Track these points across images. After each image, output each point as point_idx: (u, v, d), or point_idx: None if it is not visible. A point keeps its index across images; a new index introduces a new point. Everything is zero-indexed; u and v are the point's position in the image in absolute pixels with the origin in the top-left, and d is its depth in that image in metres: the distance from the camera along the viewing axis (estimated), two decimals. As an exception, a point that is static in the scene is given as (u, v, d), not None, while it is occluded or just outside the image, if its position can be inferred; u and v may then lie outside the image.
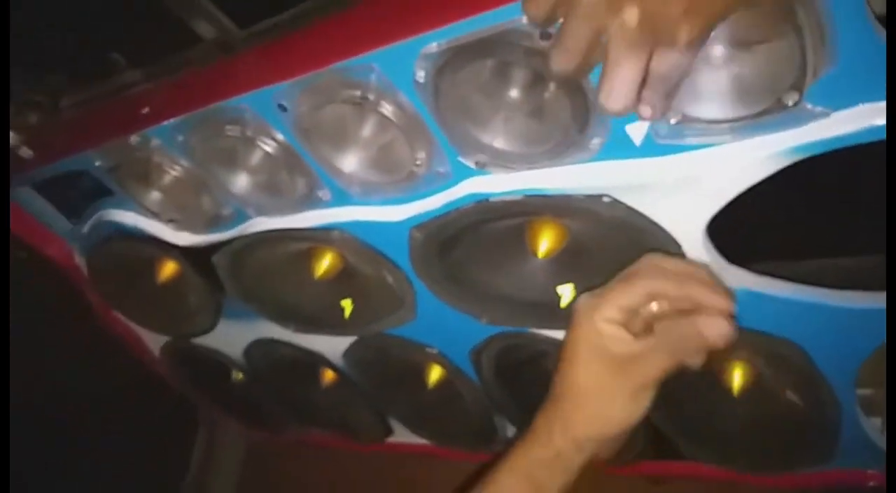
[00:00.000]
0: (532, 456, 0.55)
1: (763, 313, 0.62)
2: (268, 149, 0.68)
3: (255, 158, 0.70)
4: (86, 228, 0.92)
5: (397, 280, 0.76)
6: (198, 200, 0.78)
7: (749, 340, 0.65)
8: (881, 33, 0.43)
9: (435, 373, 0.93)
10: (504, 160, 0.59)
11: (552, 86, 0.52)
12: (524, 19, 0.47)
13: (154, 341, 1.12)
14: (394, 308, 0.82)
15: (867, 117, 0.46)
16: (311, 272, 0.80)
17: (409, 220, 0.68)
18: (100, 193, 0.86)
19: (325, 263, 0.80)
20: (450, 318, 0.78)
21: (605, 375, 0.53)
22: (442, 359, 0.88)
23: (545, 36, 0.48)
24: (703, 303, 0.51)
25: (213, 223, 0.81)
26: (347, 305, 0.85)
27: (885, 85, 0.44)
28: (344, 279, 0.82)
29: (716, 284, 0.54)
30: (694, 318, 0.51)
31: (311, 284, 0.82)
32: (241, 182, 0.74)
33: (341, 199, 0.70)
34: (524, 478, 0.55)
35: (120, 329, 1.11)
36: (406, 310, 0.80)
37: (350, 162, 0.66)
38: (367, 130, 0.63)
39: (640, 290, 0.52)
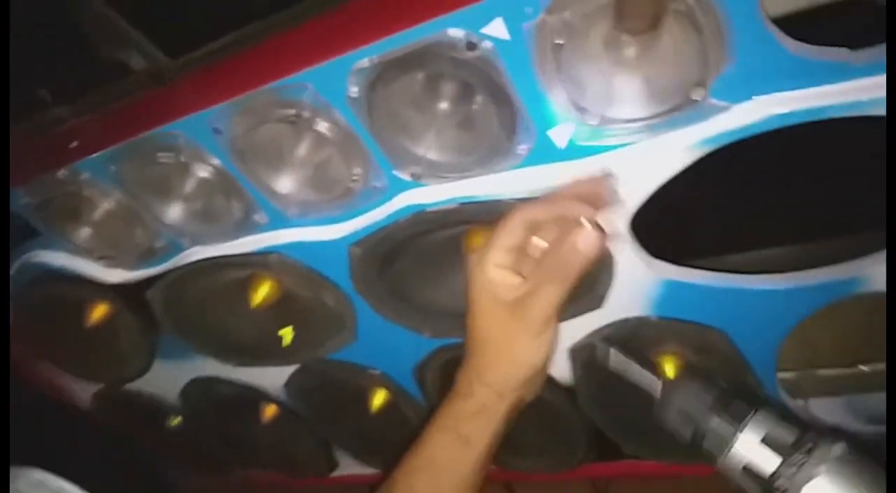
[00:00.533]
0: (457, 412, 0.57)
1: (687, 302, 0.66)
2: (202, 174, 0.68)
3: (190, 184, 0.71)
4: (11, 273, 0.89)
5: (337, 301, 0.77)
6: (131, 234, 0.77)
7: (675, 330, 0.69)
8: (774, 32, 0.48)
9: (379, 397, 0.93)
10: (438, 171, 0.62)
11: (480, 97, 0.55)
12: (451, 31, 0.50)
13: (84, 390, 1.08)
14: (334, 331, 0.82)
15: (764, 108, 0.51)
16: (249, 301, 0.79)
17: (347, 237, 0.69)
18: (26, 235, 0.84)
19: (263, 289, 0.79)
20: (392, 335, 0.79)
21: (504, 320, 0.55)
22: (386, 380, 0.88)
23: (471, 47, 0.51)
24: (571, 216, 0.54)
25: (147, 257, 0.80)
26: (287, 333, 0.85)
27: (777, 79, 0.50)
28: (283, 306, 0.82)
29: (587, 188, 0.57)
30: (564, 237, 0.54)
31: (250, 313, 0.81)
32: (175, 211, 0.74)
33: (278, 221, 0.71)
34: (453, 434, 0.57)
35: (42, 381, 1.06)
36: (347, 332, 0.81)
37: (286, 182, 0.67)
38: (303, 148, 0.64)
39: (516, 224, 0.55)
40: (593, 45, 0.51)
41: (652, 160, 0.56)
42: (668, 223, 0.63)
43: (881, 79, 0.48)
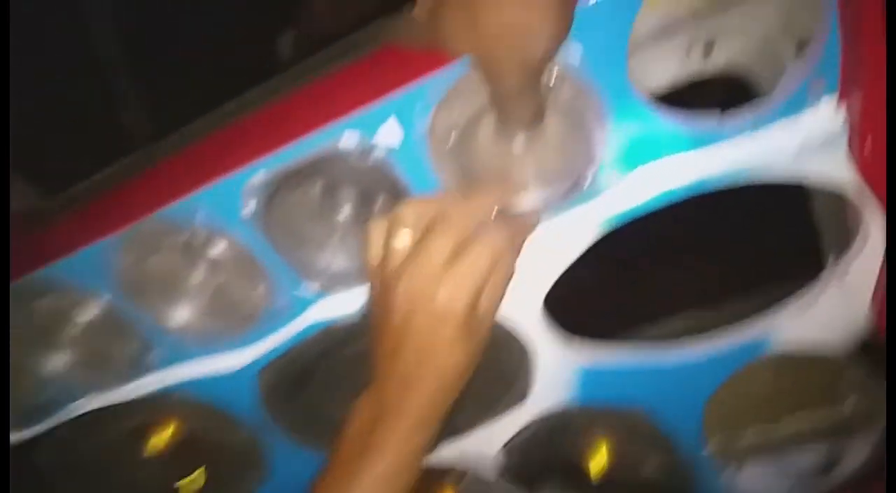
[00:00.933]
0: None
1: (606, 384, 0.66)
2: (87, 317, 0.63)
3: (74, 330, 0.65)
4: None
5: (247, 436, 0.72)
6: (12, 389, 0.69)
7: (599, 415, 0.68)
8: (652, 108, 0.51)
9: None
10: (343, 281, 0.60)
11: (382, 197, 0.55)
12: (343, 140, 0.51)
13: None
14: (248, 469, 0.76)
15: (653, 184, 0.54)
16: (149, 449, 0.73)
17: (254, 363, 0.66)
18: None
19: (164, 435, 0.73)
20: (308, 466, 0.73)
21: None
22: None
23: (365, 153, 0.51)
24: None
25: (31, 414, 0.72)
26: (196, 478, 0.78)
27: (660, 151, 0.53)
28: (190, 448, 0.75)
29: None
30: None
31: (154, 462, 0.74)
32: (57, 361, 0.68)
33: (177, 356, 0.66)
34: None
35: None
36: (259, 468, 0.75)
37: (182, 314, 0.63)
38: (198, 275, 0.62)
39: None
40: (483, 140, 0.52)
41: (554, 242, 0.57)
42: (578, 304, 0.64)
43: (755, 144, 0.51)
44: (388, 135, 0.51)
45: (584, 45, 0.47)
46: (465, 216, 0.49)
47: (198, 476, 0.77)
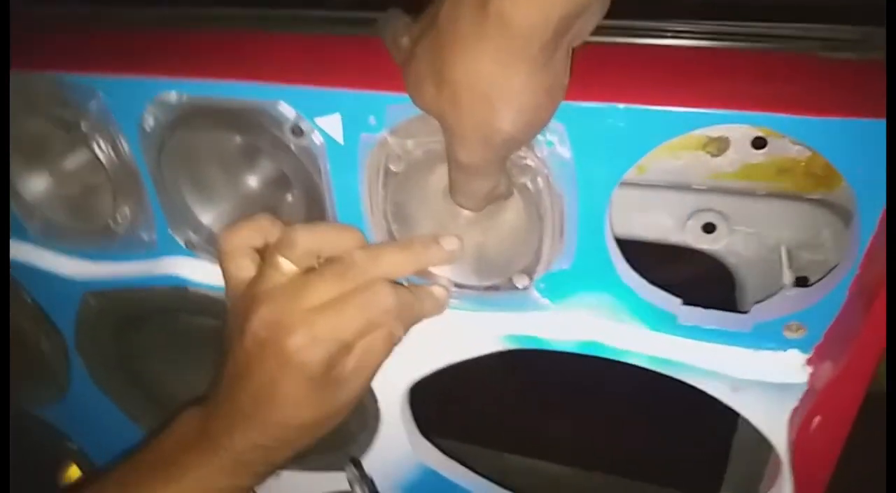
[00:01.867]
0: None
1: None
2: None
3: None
4: None
5: (54, 349, 0.62)
6: None
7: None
8: (614, 254, 0.42)
9: (72, 473, 0.77)
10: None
11: (295, 191, 0.46)
12: (282, 106, 0.42)
13: None
14: (42, 381, 0.67)
15: (583, 329, 0.45)
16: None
17: (88, 282, 0.56)
18: None
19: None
20: (104, 413, 0.64)
21: None
22: (81, 459, 0.72)
23: (297, 132, 0.42)
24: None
25: None
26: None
27: (605, 302, 0.44)
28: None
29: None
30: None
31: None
32: None
33: (15, 230, 0.57)
34: None
35: None
36: (54, 388, 0.66)
37: (36, 188, 0.54)
38: (72, 161, 0.52)
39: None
40: (432, 187, 0.44)
41: (452, 334, 0.48)
42: (449, 407, 0.56)
43: (695, 346, 0.43)
44: (330, 126, 0.42)
45: (573, 148, 0.38)
46: (367, 267, 0.42)
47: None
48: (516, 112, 0.32)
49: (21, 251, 0.58)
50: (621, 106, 0.36)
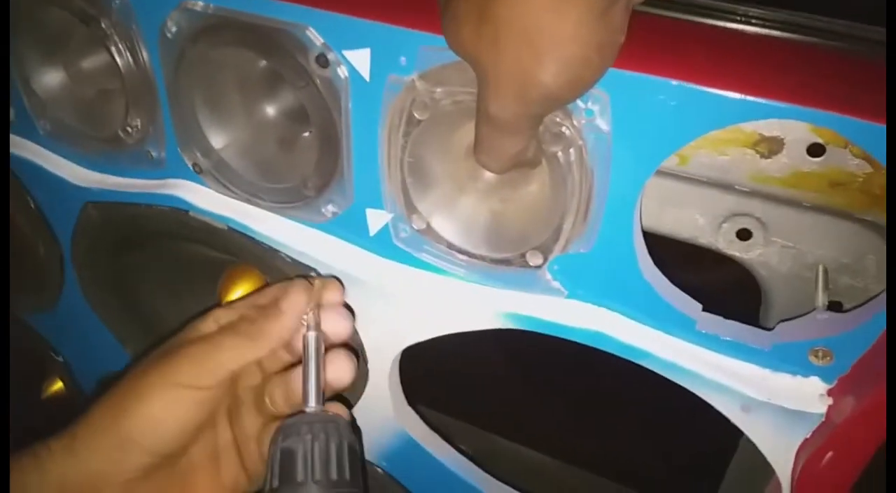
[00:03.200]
0: None
1: (415, 466, 0.55)
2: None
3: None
4: None
5: (49, 256, 0.61)
6: None
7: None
8: (639, 245, 0.39)
9: (54, 386, 0.76)
10: (226, 177, 0.48)
11: (314, 129, 0.43)
12: (310, 31, 0.39)
13: None
14: (34, 287, 0.65)
15: (591, 319, 0.42)
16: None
17: (91, 190, 0.54)
18: None
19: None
20: (92, 330, 0.63)
21: None
22: (65, 373, 0.71)
23: (323, 61, 0.39)
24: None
25: None
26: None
27: (623, 299, 0.41)
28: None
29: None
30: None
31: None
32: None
33: (25, 128, 0.55)
34: None
35: None
36: (46, 297, 0.64)
37: (50, 82, 0.52)
38: (89, 61, 0.50)
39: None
40: (455, 143, 0.41)
41: (452, 305, 0.46)
42: (441, 378, 0.53)
43: (710, 356, 0.40)
44: (358, 61, 0.39)
45: (614, 121, 0.35)
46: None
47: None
48: (561, 64, 0.29)
49: (28, 150, 0.56)
50: (675, 82, 0.33)
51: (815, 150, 0.37)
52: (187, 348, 0.42)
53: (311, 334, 0.42)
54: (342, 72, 0.39)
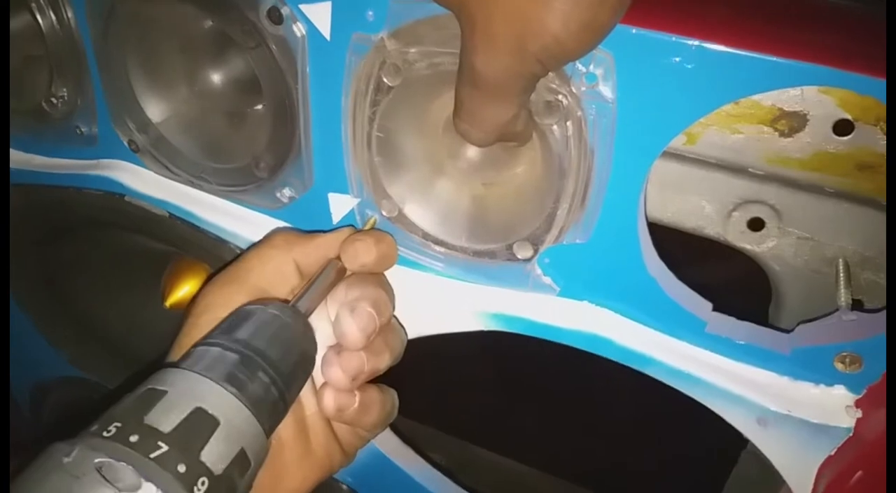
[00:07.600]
0: None
1: (383, 480, 0.50)
2: None
3: None
4: None
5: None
6: None
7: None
8: (643, 236, 0.34)
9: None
10: (167, 155, 0.42)
11: (267, 102, 0.37)
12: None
13: None
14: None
15: (588, 320, 0.37)
16: None
17: (14, 172, 0.48)
18: None
19: None
20: (25, 331, 0.56)
21: None
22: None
23: (276, 16, 0.33)
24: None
25: None
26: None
27: (624, 297, 0.36)
28: None
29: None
30: None
31: None
32: None
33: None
34: None
35: None
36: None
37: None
38: (15, 22, 0.43)
39: None
40: (432, 115, 0.35)
41: (427, 304, 0.40)
42: (413, 384, 0.48)
43: (722, 363, 0.35)
44: (317, 16, 0.33)
45: (619, 88, 0.29)
46: None
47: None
48: (572, 5, 0.23)
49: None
50: (693, 43, 0.28)
51: (842, 127, 0.32)
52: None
53: (336, 262, 0.35)
54: (298, 29, 0.34)
